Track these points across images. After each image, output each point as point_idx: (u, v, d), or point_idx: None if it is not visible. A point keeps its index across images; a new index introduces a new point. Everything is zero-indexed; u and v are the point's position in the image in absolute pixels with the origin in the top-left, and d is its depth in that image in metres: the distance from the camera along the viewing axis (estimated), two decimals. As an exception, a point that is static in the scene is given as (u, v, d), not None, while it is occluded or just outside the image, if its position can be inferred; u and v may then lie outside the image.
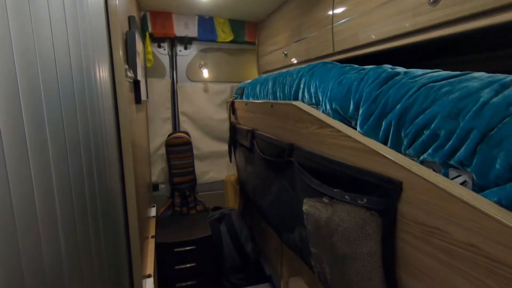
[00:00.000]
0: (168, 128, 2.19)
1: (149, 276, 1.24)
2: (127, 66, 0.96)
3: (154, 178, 2.19)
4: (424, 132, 0.60)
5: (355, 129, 0.81)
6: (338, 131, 0.81)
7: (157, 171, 2.20)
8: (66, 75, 0.61)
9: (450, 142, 0.55)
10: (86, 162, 0.66)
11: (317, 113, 0.93)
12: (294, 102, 1.06)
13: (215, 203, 2.33)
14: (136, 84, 1.14)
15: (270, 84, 1.43)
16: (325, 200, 0.92)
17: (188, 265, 1.76)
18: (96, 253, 0.70)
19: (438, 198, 0.55)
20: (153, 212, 1.92)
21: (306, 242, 1.12)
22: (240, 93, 2.01)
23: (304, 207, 1.00)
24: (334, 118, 0.89)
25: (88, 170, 0.67)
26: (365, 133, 0.75)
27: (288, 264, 1.66)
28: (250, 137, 1.65)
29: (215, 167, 2.36)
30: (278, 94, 1.33)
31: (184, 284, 1.76)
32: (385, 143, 0.71)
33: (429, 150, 0.59)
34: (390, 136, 0.69)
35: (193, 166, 2.12)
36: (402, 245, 0.67)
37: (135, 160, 1.08)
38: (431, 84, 0.63)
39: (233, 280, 1.92)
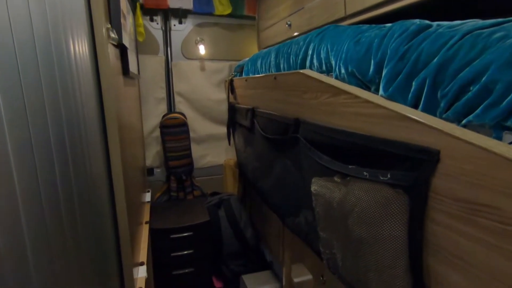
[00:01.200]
0: (162, 108, 2.06)
1: (141, 264, 1.15)
2: (109, 25, 0.83)
3: (148, 162, 2.08)
4: (471, 88, 0.49)
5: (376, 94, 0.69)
6: (356, 97, 0.70)
7: (152, 154, 2.08)
8: (25, 33, 0.49)
9: (508, 98, 0.44)
10: (56, 140, 0.55)
11: (329, 80, 0.81)
12: (302, 70, 0.94)
13: (213, 188, 2.23)
14: (122, 50, 1.01)
15: (273, 56, 1.31)
16: (337, 179, 0.81)
17: (185, 252, 1.67)
18: (72, 242, 0.59)
19: (490, 167, 0.44)
20: (147, 197, 1.81)
21: (313, 226, 1.02)
22: (239, 70, 1.88)
23: (313, 188, 0.90)
24: (350, 83, 0.77)
25: (59, 149, 0.56)
26: (390, 97, 0.64)
27: (290, 251, 1.58)
28: (250, 115, 1.53)
29: (213, 151, 2.25)
30: (282, 66, 1.21)
31: (181, 271, 1.68)
32: (415, 107, 0.60)
33: (477, 110, 0.48)
34: (423, 98, 0.58)
35: (189, 149, 2.00)
36: (434, 227, 0.57)
37: (124, 140, 0.96)
38: (478, 31, 0.51)
39: (233, 267, 1.84)
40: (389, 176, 0.62)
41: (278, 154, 1.25)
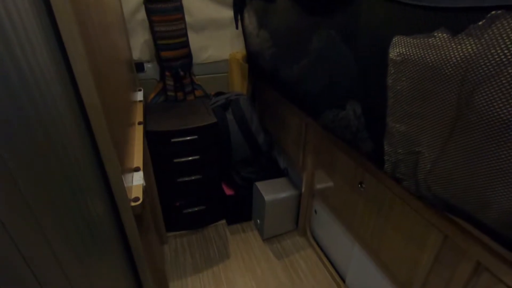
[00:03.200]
0: (145, -22, 1.53)
1: (136, 169, 0.90)
2: None
3: (136, 55, 1.67)
4: None
5: None
6: None
7: (139, 44, 1.65)
8: None
9: None
10: None
11: None
12: None
13: (217, 88, 1.89)
14: None
15: None
16: (441, 33, 0.46)
17: (190, 158, 1.44)
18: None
19: None
20: (139, 96, 1.48)
21: (368, 119, 0.72)
22: None
23: (396, 51, 0.56)
24: None
25: None
26: None
27: (313, 155, 1.35)
28: (271, -27, 1.07)
29: (216, 42, 1.81)
30: None
31: (187, 178, 1.49)
32: None
33: None
34: None
35: (185, 35, 1.57)
36: None
37: (85, 11, 0.56)
38: None
39: (244, 174, 1.66)
40: None
41: (317, 22, 0.86)
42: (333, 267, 1.39)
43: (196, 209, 1.58)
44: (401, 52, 0.54)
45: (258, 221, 1.61)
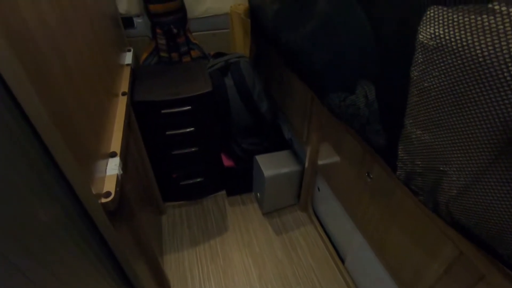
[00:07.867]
0: None
1: (112, 155, 0.80)
2: None
3: (123, 8, 1.47)
4: None
5: None
6: None
7: (125, -5, 1.44)
8: None
9: None
10: None
11: None
12: None
13: (216, 48, 1.69)
14: None
15: None
16: (503, 7, 0.29)
17: (186, 130, 1.33)
18: None
19: None
20: (127, 58, 1.33)
21: (385, 109, 0.57)
22: None
23: (428, 32, 0.39)
24: None
25: None
26: None
27: (318, 131, 1.21)
28: None
29: (214, -8, 1.57)
30: None
31: (186, 150, 1.39)
32: None
33: None
34: None
35: (176, -16, 1.34)
36: None
37: None
38: None
39: (245, 146, 1.55)
40: None
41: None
42: (333, 247, 1.34)
43: (193, 181, 1.51)
44: (437, 33, 0.37)
45: (258, 194, 1.54)
